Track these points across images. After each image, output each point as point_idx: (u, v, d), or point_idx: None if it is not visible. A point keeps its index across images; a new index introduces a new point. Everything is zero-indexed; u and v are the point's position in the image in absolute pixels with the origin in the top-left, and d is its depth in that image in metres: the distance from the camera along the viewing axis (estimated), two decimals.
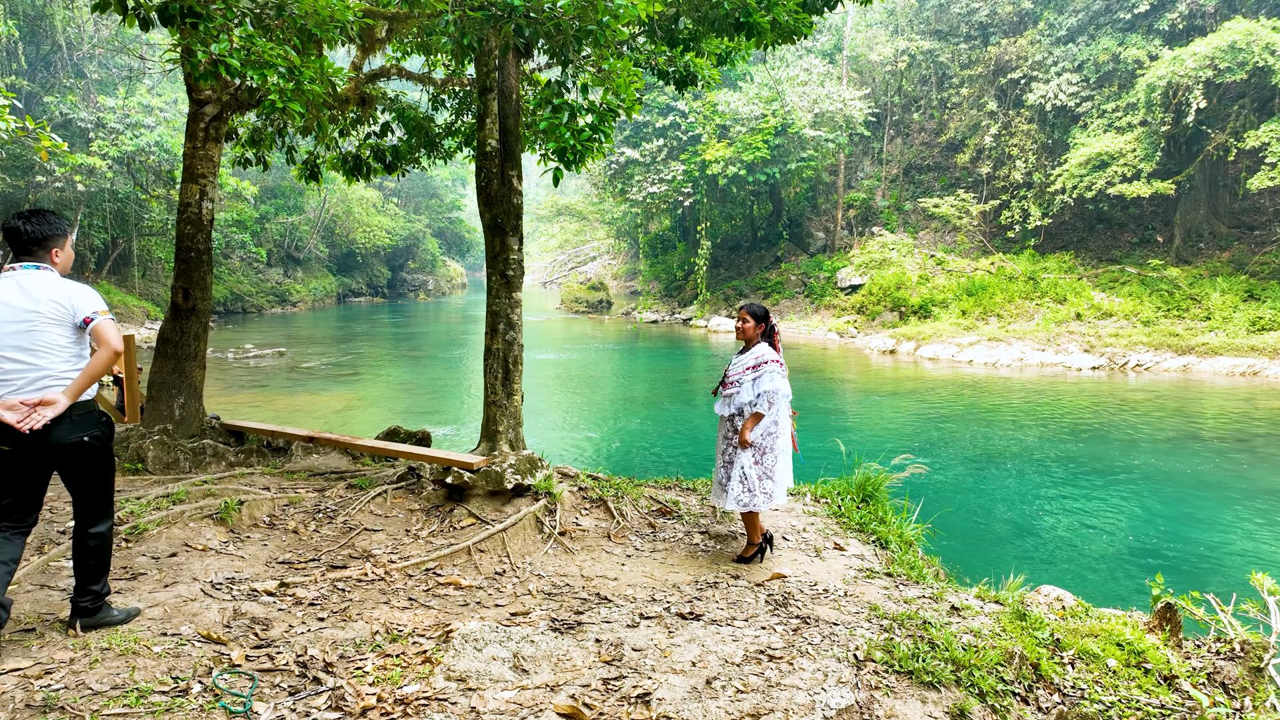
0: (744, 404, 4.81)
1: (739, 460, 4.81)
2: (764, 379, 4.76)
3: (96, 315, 3.22)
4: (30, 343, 3.14)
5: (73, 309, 3.21)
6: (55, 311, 3.18)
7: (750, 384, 4.79)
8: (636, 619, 3.95)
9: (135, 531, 4.49)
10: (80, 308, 3.22)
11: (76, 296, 3.23)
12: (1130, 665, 3.83)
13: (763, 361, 4.81)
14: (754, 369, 4.82)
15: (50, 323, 3.17)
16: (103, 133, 26.25)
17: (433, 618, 3.93)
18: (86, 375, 3.17)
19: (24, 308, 3.15)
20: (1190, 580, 7.70)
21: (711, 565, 4.88)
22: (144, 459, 5.85)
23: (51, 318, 3.17)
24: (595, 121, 5.88)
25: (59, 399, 3.11)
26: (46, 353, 3.16)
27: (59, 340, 3.19)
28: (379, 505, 5.37)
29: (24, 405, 3.08)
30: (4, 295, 3.18)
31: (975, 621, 4.07)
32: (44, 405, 3.09)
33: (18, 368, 3.13)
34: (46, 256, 3.31)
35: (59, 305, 3.19)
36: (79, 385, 3.15)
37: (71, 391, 3.14)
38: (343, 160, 8.96)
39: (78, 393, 3.15)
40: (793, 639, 3.75)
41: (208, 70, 5.01)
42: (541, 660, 3.47)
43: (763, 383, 4.75)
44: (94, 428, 3.27)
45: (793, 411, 5.10)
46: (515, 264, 6.46)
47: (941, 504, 9.06)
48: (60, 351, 3.19)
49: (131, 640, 3.32)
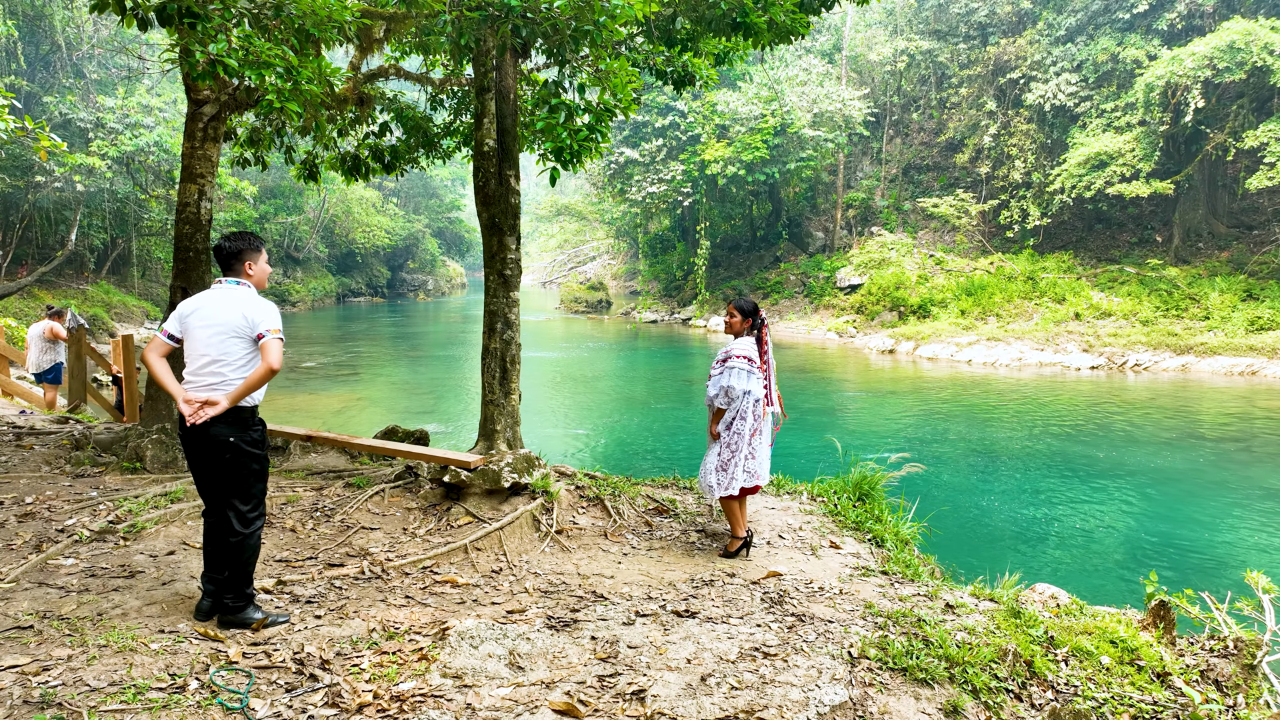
0: (710, 397, 4.97)
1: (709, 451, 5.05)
2: (724, 376, 4.90)
3: (268, 333, 3.57)
4: (218, 351, 3.56)
5: (252, 324, 3.58)
6: (239, 326, 3.58)
7: (714, 379, 4.95)
8: (632, 616, 3.96)
9: (133, 530, 4.51)
10: (258, 324, 3.58)
11: (259, 313, 3.60)
12: (1124, 662, 3.85)
13: (729, 356, 4.93)
14: (721, 363, 4.95)
15: (234, 335, 3.57)
16: (102, 133, 26.24)
17: (429, 615, 3.94)
18: (245, 385, 3.53)
19: (218, 319, 3.58)
20: (1186, 579, 7.72)
21: (707, 563, 4.89)
22: (142, 458, 5.86)
23: (235, 331, 3.58)
24: (592, 121, 5.90)
25: (221, 401, 3.49)
26: (227, 361, 3.57)
27: (238, 350, 3.58)
28: (376, 504, 5.38)
29: (197, 402, 3.50)
30: (207, 305, 3.63)
31: (970, 619, 4.09)
32: (209, 405, 3.49)
33: (206, 370, 3.57)
34: (242, 270, 3.72)
35: (244, 320, 3.58)
36: (238, 392, 3.52)
37: (231, 397, 3.51)
38: (341, 160, 8.97)
39: (236, 399, 3.52)
40: (787, 636, 3.77)
41: (205, 70, 5.02)
42: (537, 657, 3.49)
43: (723, 379, 4.90)
44: (245, 431, 3.62)
45: (783, 414, 5.17)
46: (513, 263, 6.47)
47: (938, 503, 9.08)
48: (236, 361, 3.58)
49: (129, 637, 3.33)
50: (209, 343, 3.56)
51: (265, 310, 3.62)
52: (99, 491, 5.24)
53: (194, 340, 3.59)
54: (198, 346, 3.58)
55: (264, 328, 3.57)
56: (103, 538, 4.42)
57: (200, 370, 3.57)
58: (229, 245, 3.72)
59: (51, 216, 27.24)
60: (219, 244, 3.74)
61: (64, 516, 4.72)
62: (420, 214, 56.22)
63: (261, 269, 3.78)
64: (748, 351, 4.91)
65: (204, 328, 3.58)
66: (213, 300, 3.63)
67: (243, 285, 3.69)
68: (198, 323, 3.60)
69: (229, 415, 3.54)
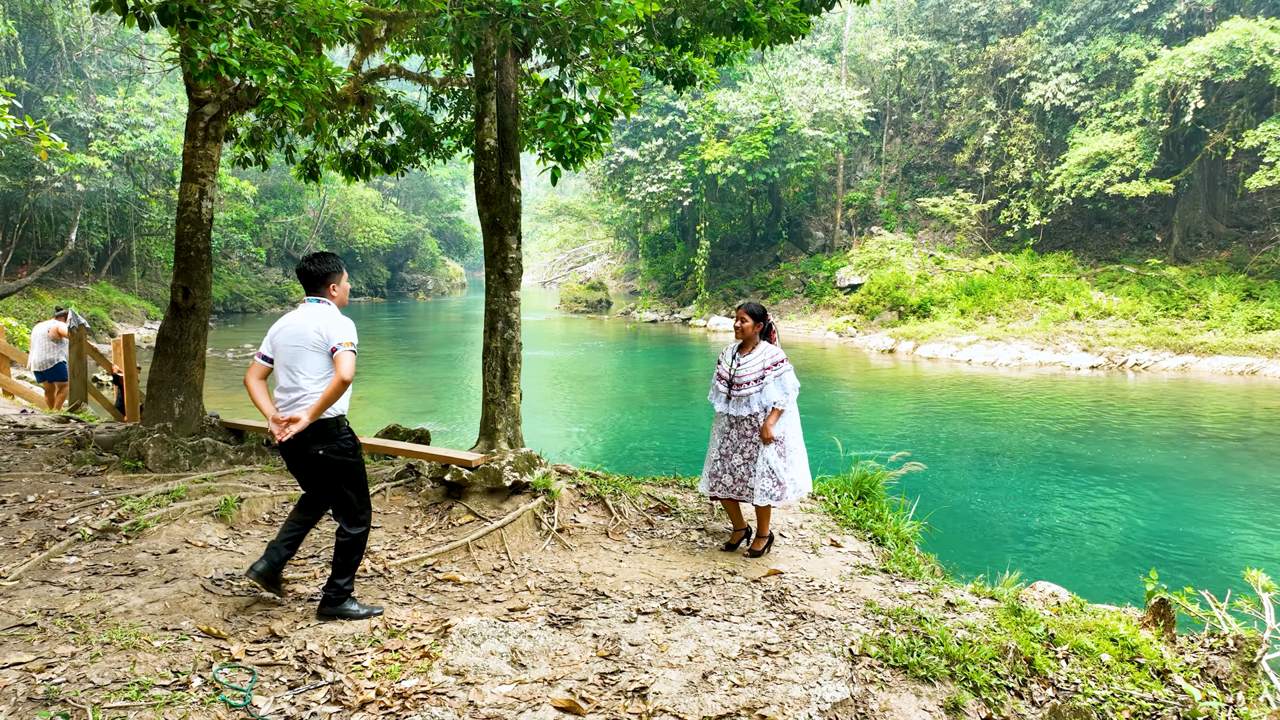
0: (770, 402, 4.93)
1: (763, 455, 4.91)
2: (787, 376, 4.97)
3: (340, 346, 3.68)
4: (298, 366, 3.72)
5: (327, 338, 3.70)
6: (316, 341, 3.71)
7: (775, 382, 4.95)
8: (633, 614, 3.97)
9: (136, 528, 4.52)
10: (332, 337, 3.70)
11: (333, 328, 3.72)
12: (1124, 660, 3.86)
13: (781, 359, 4.99)
14: (774, 367, 4.96)
15: (311, 350, 3.71)
16: (102, 132, 26.23)
17: (431, 613, 3.95)
18: (321, 399, 3.64)
19: (298, 336, 3.74)
20: (1187, 577, 7.73)
21: (709, 561, 4.90)
22: (144, 457, 5.87)
23: (312, 346, 3.71)
24: (593, 121, 5.91)
25: (301, 417, 3.62)
26: (306, 376, 3.71)
27: (316, 365, 3.72)
28: (378, 502, 5.39)
29: (283, 420, 3.66)
30: (290, 324, 3.79)
31: (970, 617, 4.10)
32: (291, 422, 3.63)
33: (289, 386, 3.73)
34: (326, 291, 3.86)
35: (319, 335, 3.71)
36: (316, 407, 3.64)
37: (310, 411, 3.63)
38: (342, 160, 8.98)
39: (315, 413, 3.63)
40: (789, 634, 3.78)
41: (207, 70, 5.03)
42: (539, 655, 3.50)
43: (787, 380, 4.96)
44: (330, 442, 3.74)
45: None
46: (514, 263, 6.48)
47: (938, 501, 9.09)
48: (314, 375, 3.71)
49: (133, 635, 3.34)
50: (290, 357, 3.73)
51: (340, 325, 3.74)
52: (101, 490, 5.25)
53: (279, 358, 3.78)
54: (281, 363, 3.77)
55: (336, 341, 3.68)
56: (105, 536, 4.43)
57: (285, 387, 3.75)
58: (315, 268, 3.86)
59: (51, 216, 27.24)
60: (304, 266, 3.88)
61: (66, 515, 4.72)
62: (420, 214, 56.22)
63: (343, 288, 3.92)
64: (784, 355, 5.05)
65: (286, 345, 3.75)
66: (295, 319, 3.79)
67: (324, 303, 3.83)
68: (282, 341, 3.77)
69: (314, 429, 3.67)
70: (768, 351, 4.99)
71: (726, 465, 5.01)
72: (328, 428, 3.73)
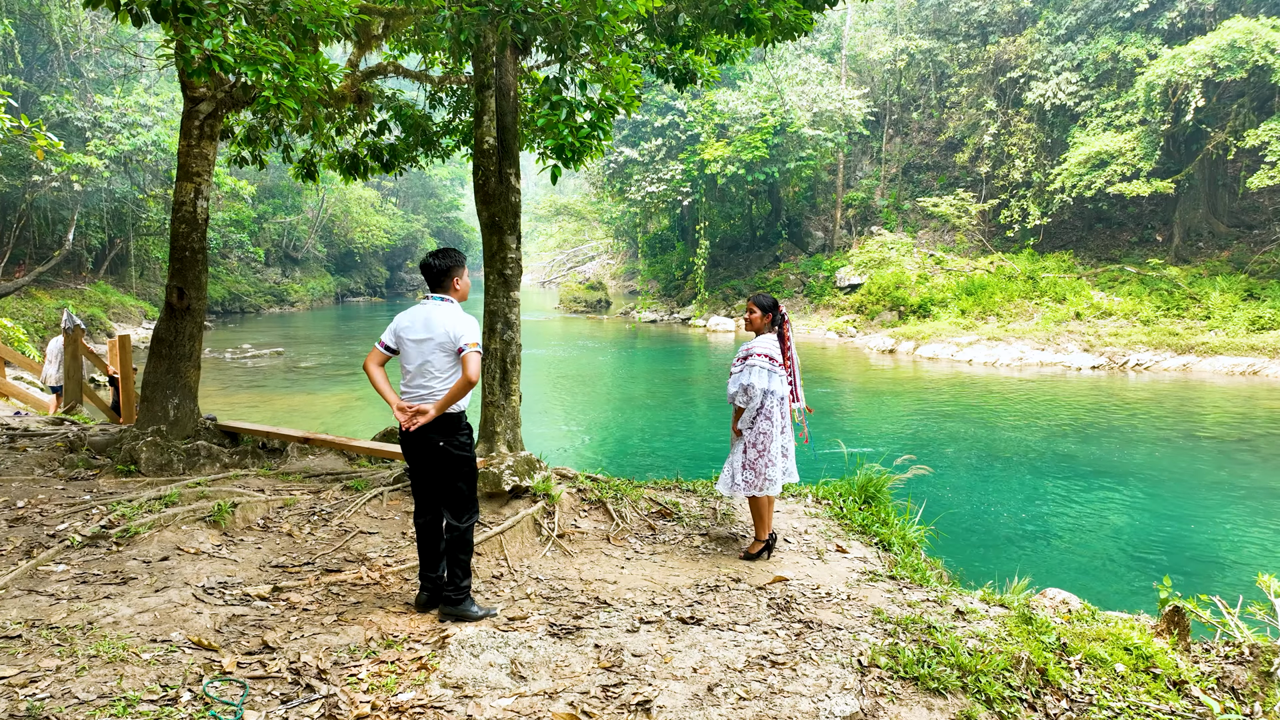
0: (730, 395, 4.93)
1: (734, 449, 5.00)
2: (746, 373, 4.84)
3: (467, 347, 3.82)
4: (425, 363, 3.86)
5: (455, 338, 3.84)
6: (444, 340, 3.85)
7: (734, 377, 4.89)
8: (636, 624, 3.88)
9: (127, 535, 4.42)
10: (459, 338, 3.84)
11: (461, 327, 3.85)
12: (1138, 670, 3.77)
13: (750, 355, 4.87)
14: (742, 361, 4.89)
15: (440, 349, 3.85)
16: (99, 132, 26.11)
17: (429, 623, 3.86)
18: (448, 395, 3.81)
19: (426, 334, 3.86)
20: (1193, 581, 7.65)
21: (712, 568, 4.81)
22: (137, 461, 5.77)
23: (441, 345, 3.85)
24: (594, 119, 5.81)
25: (430, 410, 3.79)
26: (434, 372, 3.87)
27: (443, 363, 3.86)
28: (375, 507, 5.29)
29: (410, 410, 3.81)
30: (418, 319, 3.91)
31: (980, 625, 4.01)
32: (420, 414, 3.79)
33: (418, 381, 3.88)
34: (449, 286, 3.97)
35: (448, 334, 3.84)
36: (443, 402, 3.81)
37: (437, 406, 3.80)
38: (339, 159, 8.87)
39: (442, 408, 3.80)
40: (795, 644, 3.69)
41: (201, 66, 4.93)
42: (540, 666, 3.40)
43: (742, 377, 4.85)
44: (453, 436, 3.89)
45: (807, 408, 5.13)
46: (513, 263, 6.38)
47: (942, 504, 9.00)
48: (442, 373, 3.87)
49: (120, 647, 3.24)
50: (418, 355, 3.86)
51: (467, 325, 3.87)
52: (92, 495, 5.15)
53: (406, 352, 3.92)
54: (409, 358, 3.90)
55: (464, 342, 3.82)
56: (95, 543, 4.33)
57: (411, 381, 3.90)
58: (438, 264, 3.95)
59: (49, 216, 27.12)
60: (428, 262, 3.97)
61: (56, 521, 4.63)
62: (419, 213, 56.10)
63: (465, 283, 4.03)
64: (769, 349, 4.85)
65: (414, 342, 3.88)
66: (422, 315, 3.90)
67: (448, 300, 3.94)
68: (409, 336, 3.90)
69: (438, 422, 3.83)
70: (754, 344, 4.92)
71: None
72: (450, 422, 3.87)
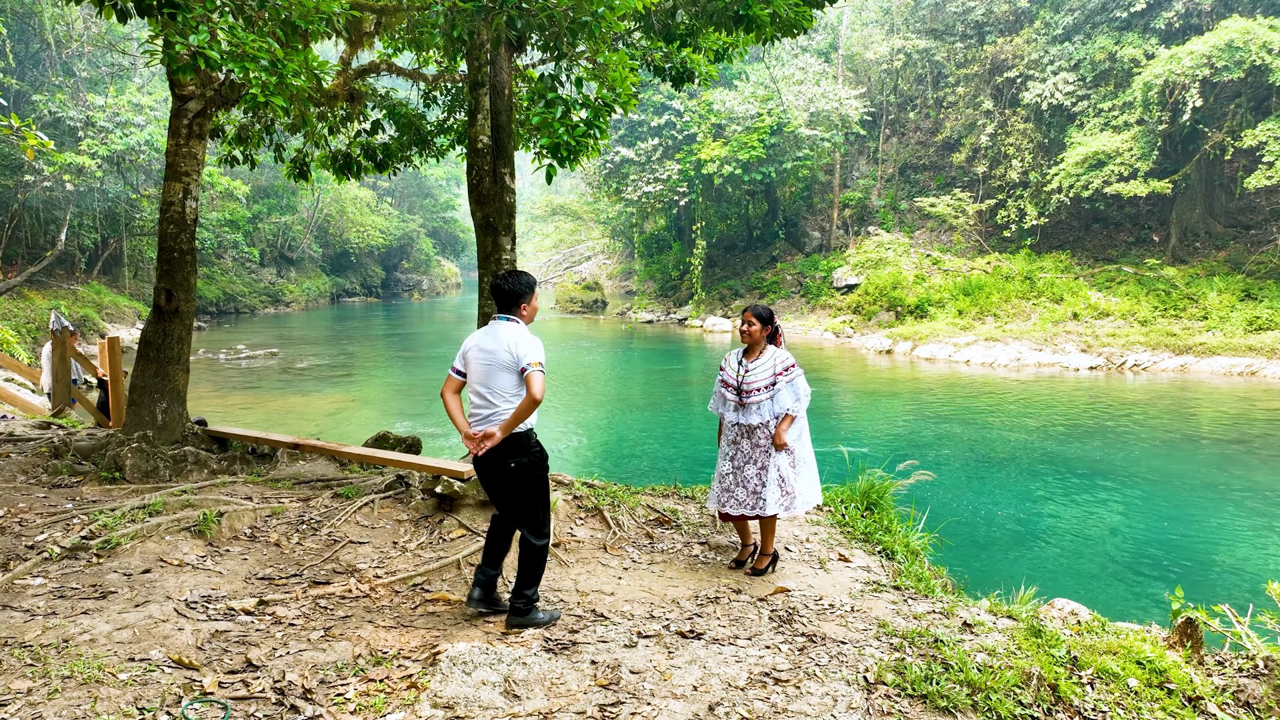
0: (783, 408, 4.76)
1: (774, 463, 4.73)
2: (799, 381, 4.79)
3: (530, 366, 3.77)
4: (492, 384, 3.83)
5: (518, 358, 3.79)
6: (507, 360, 3.80)
7: (787, 387, 4.77)
8: (634, 638, 3.76)
9: (108, 546, 4.28)
10: (522, 357, 3.79)
11: (523, 347, 3.81)
12: (1152, 685, 3.66)
13: (791, 364, 4.80)
14: (785, 372, 4.77)
15: (503, 369, 3.81)
16: (92, 131, 25.90)
17: (419, 638, 3.73)
18: (514, 416, 3.76)
19: (490, 354, 3.84)
20: (1197, 585, 7.55)
21: (712, 578, 4.69)
22: (122, 468, 5.63)
23: (504, 365, 3.81)
24: (590, 117, 5.68)
25: (495, 433, 3.74)
26: (498, 393, 3.83)
27: (507, 383, 3.82)
28: (366, 515, 5.16)
29: (477, 435, 3.77)
30: (483, 340, 3.90)
31: (989, 639, 3.89)
32: (487, 438, 3.74)
33: (481, 403, 3.87)
34: (517, 309, 3.94)
35: (510, 354, 3.80)
36: (509, 423, 3.76)
37: (503, 428, 3.75)
38: (332, 158, 8.74)
39: (508, 429, 3.75)
40: (799, 659, 3.57)
41: (186, 63, 4.80)
42: (534, 684, 3.28)
43: (799, 385, 4.78)
44: (522, 456, 3.84)
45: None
46: (508, 264, 6.26)
47: (941, 508, 8.90)
48: (507, 392, 3.82)
49: (96, 667, 3.11)
50: (483, 375, 3.85)
51: (530, 344, 3.83)
52: (74, 503, 5.01)
53: (472, 373, 3.90)
54: (474, 380, 3.89)
55: (527, 361, 3.77)
56: (74, 555, 4.19)
57: (479, 403, 3.88)
58: (509, 286, 3.93)
59: (41, 216, 26.90)
60: (499, 284, 3.94)
61: (35, 531, 4.49)
62: (415, 214, 55.89)
63: (533, 307, 4.02)
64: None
65: (479, 363, 3.87)
66: (487, 336, 3.90)
67: (514, 321, 3.91)
68: (475, 357, 3.89)
69: (508, 443, 3.79)
70: (777, 356, 4.79)
71: (740, 478, 4.79)
72: (520, 441, 3.84)
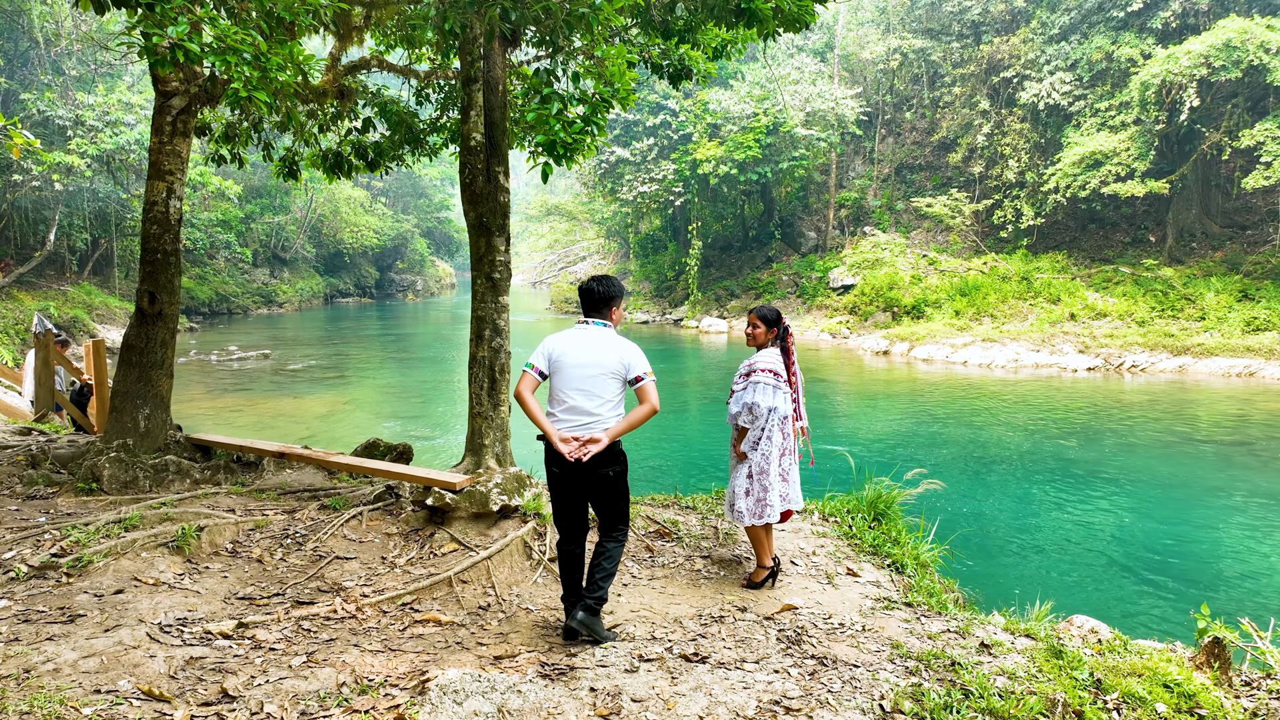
0: (732, 415, 4.62)
1: (738, 473, 4.63)
2: (749, 391, 4.55)
3: (645, 376, 3.76)
4: (594, 390, 3.73)
5: (628, 367, 3.76)
6: (615, 368, 3.75)
7: (736, 395, 4.60)
8: (635, 662, 3.56)
9: (79, 564, 4.06)
10: (633, 367, 3.76)
11: (633, 357, 3.78)
12: (1181, 711, 3.47)
13: (753, 370, 4.57)
14: (745, 377, 4.59)
15: (609, 376, 3.75)
16: (81, 130, 25.58)
17: (408, 663, 3.52)
18: (625, 423, 3.73)
19: (590, 359, 3.74)
20: (1206, 595, 7.39)
21: (715, 595, 4.49)
22: (99, 478, 5.40)
23: (612, 373, 3.75)
24: (587, 113, 5.48)
25: (602, 439, 3.67)
26: (601, 400, 3.74)
27: (611, 390, 3.76)
28: (353, 529, 4.95)
29: (576, 440, 3.67)
30: (578, 344, 3.78)
31: (1008, 660, 3.71)
32: (591, 443, 3.66)
33: (581, 409, 3.74)
34: (609, 314, 3.89)
35: (621, 363, 3.75)
36: (618, 430, 3.72)
37: (611, 434, 3.70)
38: (322, 157, 8.53)
39: (615, 435, 3.72)
40: (810, 685, 3.37)
41: (165, 57, 4.58)
42: (530, 715, 3.08)
43: (746, 395, 4.55)
44: (617, 463, 3.82)
45: (803, 430, 4.76)
46: (502, 266, 6.06)
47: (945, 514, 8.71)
48: (609, 400, 3.76)
49: (58, 701, 2.89)
50: (582, 382, 3.73)
51: (637, 354, 3.80)
52: (48, 517, 4.79)
53: (565, 378, 3.76)
54: (570, 384, 3.75)
55: (639, 370, 3.75)
56: (43, 574, 3.97)
57: (573, 408, 3.74)
58: (602, 290, 3.87)
59: (30, 216, 26.57)
60: (590, 286, 3.87)
61: (3, 548, 4.26)
62: (409, 214, 55.59)
63: (619, 313, 3.97)
64: (773, 365, 4.54)
65: (577, 367, 3.74)
66: (583, 340, 3.79)
67: (608, 327, 3.86)
68: (570, 362, 3.75)
69: (607, 451, 3.72)
70: (755, 359, 4.61)
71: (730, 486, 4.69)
72: (616, 450, 3.80)
